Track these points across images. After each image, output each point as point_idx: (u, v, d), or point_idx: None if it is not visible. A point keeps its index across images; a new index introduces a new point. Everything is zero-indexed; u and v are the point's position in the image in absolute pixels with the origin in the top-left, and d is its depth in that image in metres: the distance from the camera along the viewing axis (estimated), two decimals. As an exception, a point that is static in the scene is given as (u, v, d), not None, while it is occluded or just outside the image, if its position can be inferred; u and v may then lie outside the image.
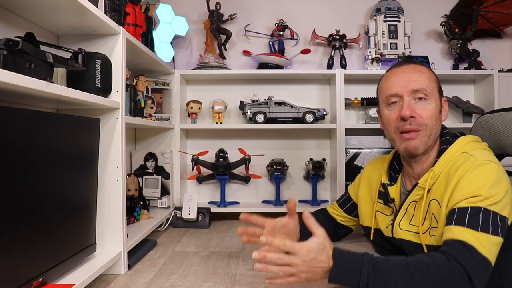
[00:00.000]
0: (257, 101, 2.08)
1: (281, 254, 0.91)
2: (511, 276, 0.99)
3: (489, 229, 0.88)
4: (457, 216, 0.92)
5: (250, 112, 2.01)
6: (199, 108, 2.07)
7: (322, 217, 1.42)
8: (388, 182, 1.21)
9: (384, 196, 1.21)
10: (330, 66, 2.13)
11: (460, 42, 2.12)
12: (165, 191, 1.94)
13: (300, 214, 1.08)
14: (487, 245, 0.86)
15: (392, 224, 1.15)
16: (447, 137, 1.11)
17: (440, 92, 1.13)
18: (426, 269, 0.85)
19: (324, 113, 2.03)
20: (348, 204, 1.39)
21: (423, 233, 1.05)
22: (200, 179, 2.08)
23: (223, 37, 2.16)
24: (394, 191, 1.18)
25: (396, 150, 1.22)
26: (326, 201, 2.12)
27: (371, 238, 1.27)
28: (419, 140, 1.07)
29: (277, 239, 0.93)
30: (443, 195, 1.00)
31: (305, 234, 1.17)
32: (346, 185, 1.91)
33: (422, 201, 1.06)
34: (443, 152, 1.07)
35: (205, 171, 2.08)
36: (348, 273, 0.89)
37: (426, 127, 1.06)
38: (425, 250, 1.04)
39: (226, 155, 2.03)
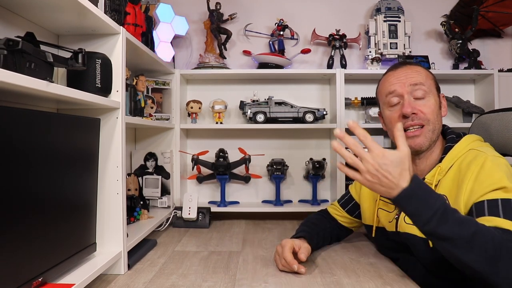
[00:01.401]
0: (257, 101, 2.08)
1: (358, 144, 0.90)
2: None
3: None
4: (489, 208, 0.92)
5: (250, 112, 2.01)
6: (199, 108, 2.07)
7: (325, 219, 1.42)
8: None
9: None
10: (330, 66, 2.13)
11: (460, 42, 2.12)
12: (165, 191, 1.94)
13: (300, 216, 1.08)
14: None
15: (397, 219, 1.16)
16: (451, 136, 1.14)
17: (438, 89, 1.17)
18: (490, 234, 0.85)
19: (324, 113, 2.03)
20: (350, 204, 1.39)
21: None
22: (200, 179, 2.08)
23: (223, 37, 2.16)
24: None
25: None
26: (326, 201, 2.12)
27: (373, 235, 1.28)
28: (424, 136, 1.10)
29: (360, 129, 0.91)
30: (456, 191, 1.01)
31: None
32: (347, 185, 1.91)
33: None
34: (449, 149, 1.10)
35: (205, 170, 2.08)
36: (419, 203, 0.87)
37: (429, 122, 1.10)
38: (430, 244, 1.04)
39: (226, 155, 2.03)
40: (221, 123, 2.06)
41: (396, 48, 2.09)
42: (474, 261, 0.85)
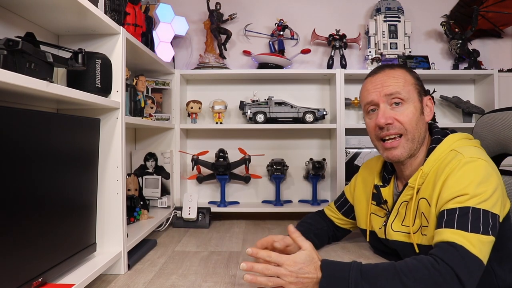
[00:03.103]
0: (257, 101, 2.08)
1: (268, 265, 0.92)
2: (506, 274, 0.99)
3: (479, 228, 0.87)
4: (446, 219, 0.91)
5: (250, 112, 2.01)
6: (199, 108, 2.07)
7: (321, 220, 1.42)
8: (381, 184, 1.20)
9: (377, 197, 1.20)
10: (330, 66, 2.13)
11: (460, 42, 2.12)
12: (165, 191, 1.94)
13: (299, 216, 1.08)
14: (478, 244, 0.86)
15: (385, 226, 1.15)
16: (437, 136, 1.09)
17: (421, 93, 1.11)
18: (414, 272, 0.85)
19: (324, 113, 2.03)
20: (345, 206, 1.38)
21: (414, 233, 1.05)
22: (200, 179, 2.08)
23: (223, 37, 2.16)
24: (387, 192, 1.18)
25: None
26: (326, 201, 2.12)
27: (368, 240, 1.27)
28: (402, 147, 1.06)
29: (263, 251, 0.95)
30: (432, 194, 0.99)
31: None
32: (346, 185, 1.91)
33: (412, 201, 1.06)
34: (432, 151, 1.06)
35: (205, 171, 2.08)
36: (336, 281, 0.89)
37: (406, 132, 1.06)
38: (417, 250, 1.03)
39: (226, 155, 2.03)
40: (221, 123, 2.06)
41: (396, 48, 2.09)
42: None
